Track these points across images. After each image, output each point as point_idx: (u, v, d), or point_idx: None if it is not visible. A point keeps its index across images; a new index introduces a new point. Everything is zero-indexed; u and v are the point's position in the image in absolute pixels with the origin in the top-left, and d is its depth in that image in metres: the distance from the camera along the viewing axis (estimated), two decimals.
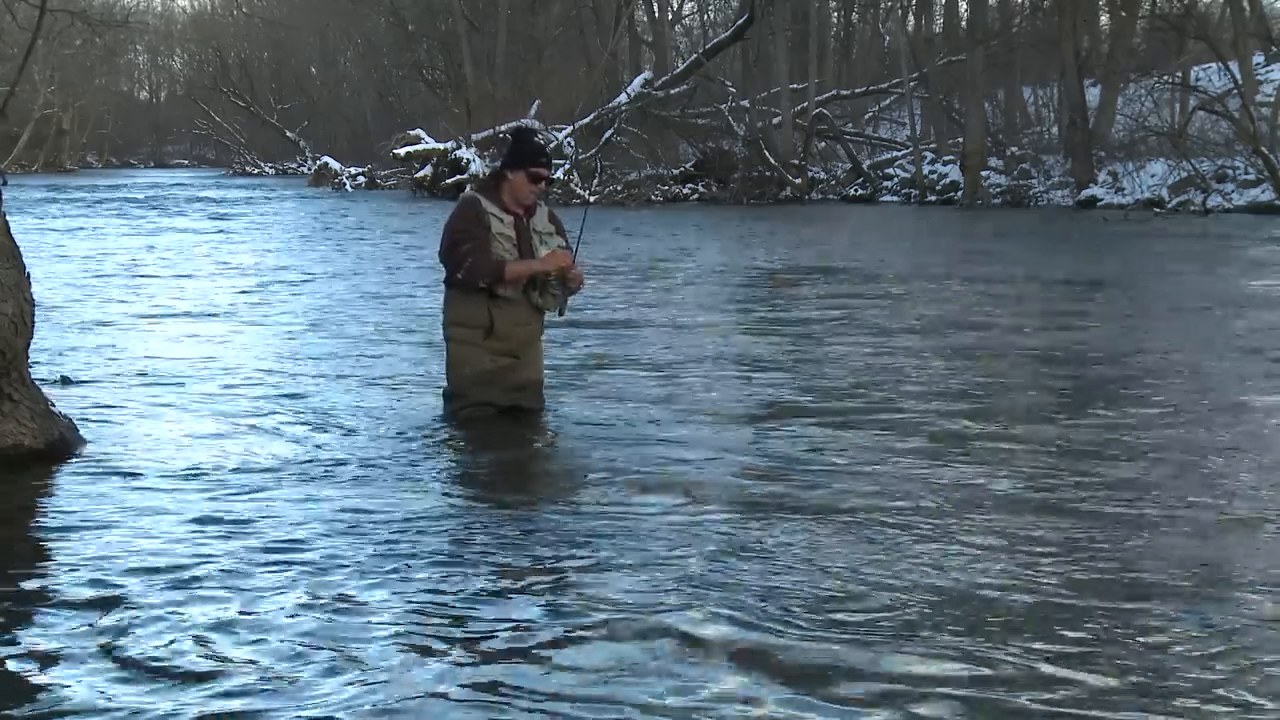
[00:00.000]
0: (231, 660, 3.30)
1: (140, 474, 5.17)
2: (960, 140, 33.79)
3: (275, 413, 6.46)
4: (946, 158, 34.86)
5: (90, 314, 10.72)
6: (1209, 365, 8.00)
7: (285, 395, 6.97)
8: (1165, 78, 30.60)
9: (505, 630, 3.51)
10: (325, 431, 6.01)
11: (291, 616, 3.60)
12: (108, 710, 3.04)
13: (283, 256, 17.33)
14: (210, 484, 5.03)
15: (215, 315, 10.76)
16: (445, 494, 4.97)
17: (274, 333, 9.69)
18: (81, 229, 22.76)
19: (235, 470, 5.25)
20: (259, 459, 5.46)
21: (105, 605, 3.69)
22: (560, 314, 6.46)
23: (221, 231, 22.72)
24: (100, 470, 5.23)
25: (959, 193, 32.15)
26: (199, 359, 8.33)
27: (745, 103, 35.72)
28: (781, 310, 11.00)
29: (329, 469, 5.29)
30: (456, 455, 5.69)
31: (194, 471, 5.22)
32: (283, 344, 9.08)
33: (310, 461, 5.42)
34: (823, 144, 37.85)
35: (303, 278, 14.19)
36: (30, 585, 3.88)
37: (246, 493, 4.91)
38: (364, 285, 13.30)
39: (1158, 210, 25.61)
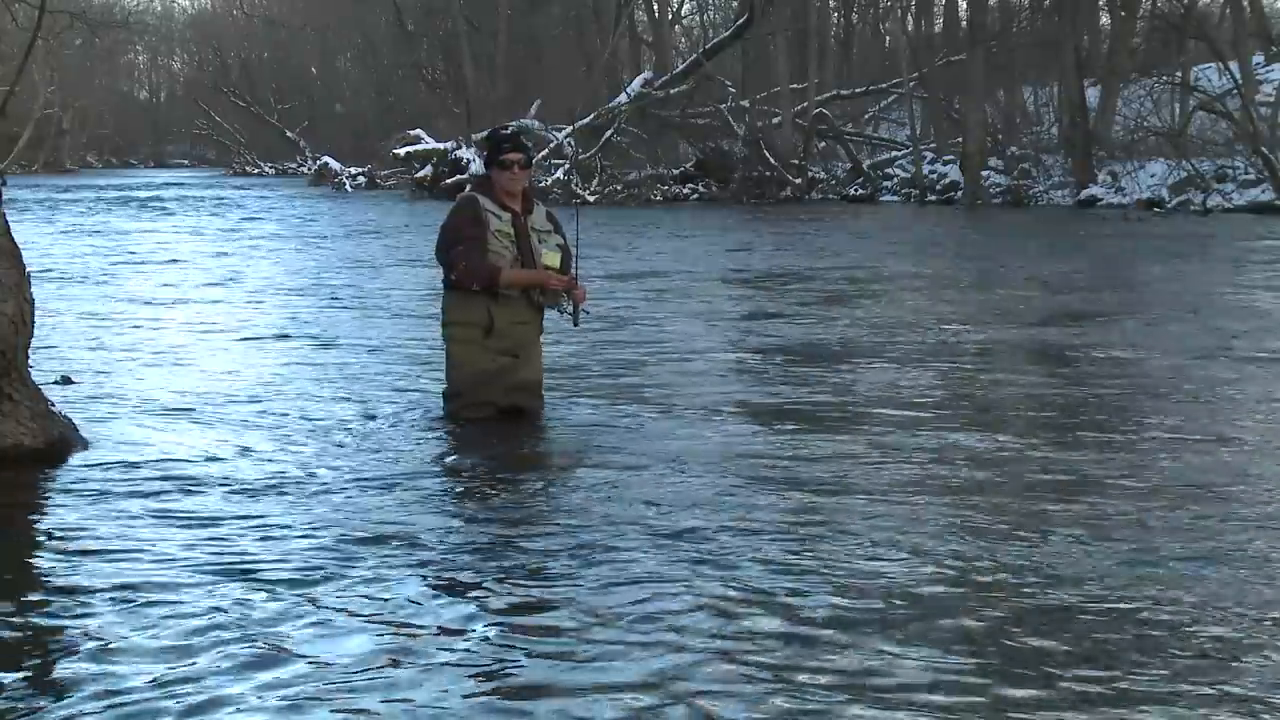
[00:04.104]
0: (223, 662, 3.30)
1: (139, 475, 5.17)
2: (960, 140, 33.74)
3: (275, 414, 6.46)
4: (946, 157, 34.81)
5: (90, 314, 10.72)
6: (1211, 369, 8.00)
7: (285, 397, 6.97)
8: (1165, 78, 30.57)
9: (500, 639, 3.49)
10: (324, 434, 6.01)
11: (287, 620, 3.60)
12: (101, 707, 3.04)
13: (282, 257, 17.33)
14: (210, 485, 5.03)
15: (215, 317, 10.76)
16: (444, 497, 4.97)
17: (274, 334, 9.69)
18: (82, 229, 22.75)
19: (235, 472, 5.25)
20: (258, 460, 5.46)
21: (103, 606, 3.69)
22: (574, 324, 6.48)
23: (222, 232, 22.71)
24: (100, 470, 5.23)
25: (959, 192, 32.11)
26: (199, 360, 8.34)
27: (745, 103, 35.67)
28: (789, 314, 10.99)
29: (327, 472, 5.28)
30: (456, 457, 5.68)
31: (193, 473, 5.22)
32: (282, 345, 9.08)
33: (308, 464, 5.42)
34: (823, 144, 37.78)
35: (302, 279, 14.19)
36: (28, 585, 3.88)
37: (246, 494, 4.91)
38: (362, 286, 13.30)
39: (1157, 210, 25.58)
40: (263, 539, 4.32)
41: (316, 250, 18.47)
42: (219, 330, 9.85)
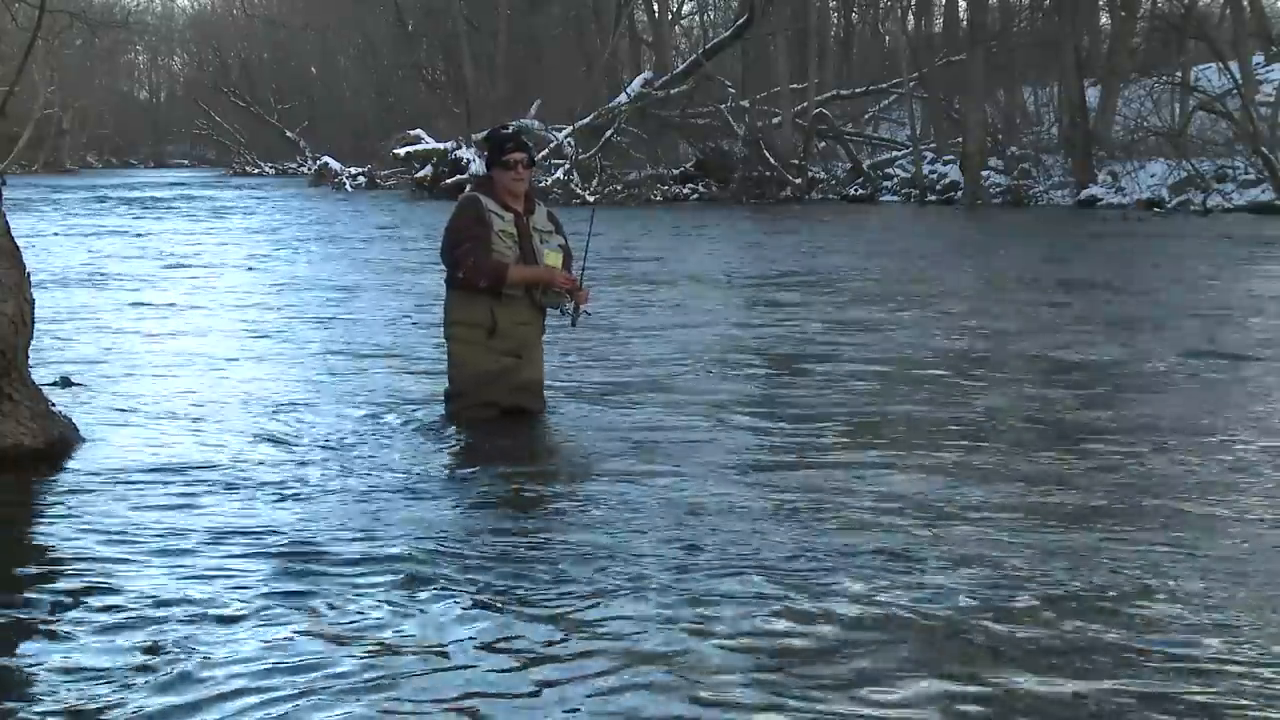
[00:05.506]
0: (219, 664, 3.29)
1: (139, 475, 5.16)
2: (960, 140, 33.74)
3: (276, 416, 6.45)
4: (946, 158, 34.80)
5: (91, 314, 10.71)
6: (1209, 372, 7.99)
7: (285, 398, 6.96)
8: (1165, 78, 30.57)
9: (497, 645, 3.46)
10: (325, 434, 6.00)
11: (284, 622, 3.58)
12: (98, 709, 3.03)
13: (283, 258, 17.33)
14: (210, 487, 5.02)
15: (217, 319, 10.76)
16: (444, 499, 4.95)
17: (275, 335, 9.68)
18: (83, 229, 22.74)
19: (236, 474, 5.24)
20: (260, 463, 5.45)
21: (102, 606, 3.68)
22: (573, 324, 6.47)
23: (222, 234, 22.72)
24: (100, 470, 5.22)
25: (959, 192, 32.11)
26: (200, 362, 8.33)
27: (745, 103, 35.67)
28: (790, 315, 10.98)
29: (328, 472, 5.27)
30: (462, 460, 5.66)
31: (193, 475, 5.21)
32: (283, 346, 9.08)
33: (309, 464, 5.41)
34: (823, 144, 37.77)
35: (303, 279, 14.19)
36: (28, 585, 3.87)
37: (248, 497, 4.90)
38: (363, 287, 13.29)
39: (1157, 210, 25.59)
40: (267, 541, 4.30)
41: (317, 252, 18.46)
42: (220, 333, 9.84)
